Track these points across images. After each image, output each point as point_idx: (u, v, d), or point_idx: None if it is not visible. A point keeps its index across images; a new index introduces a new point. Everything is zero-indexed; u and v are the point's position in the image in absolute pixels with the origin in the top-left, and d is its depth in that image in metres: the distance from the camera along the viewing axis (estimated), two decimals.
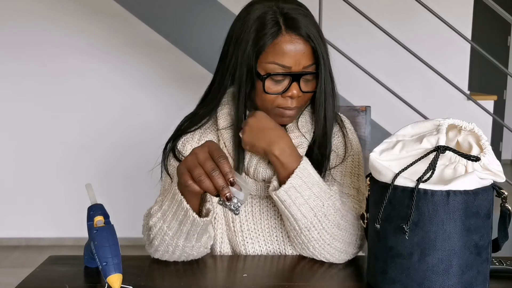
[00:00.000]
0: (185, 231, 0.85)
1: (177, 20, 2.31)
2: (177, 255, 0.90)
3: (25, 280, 0.83)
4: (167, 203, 0.85)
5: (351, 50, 2.47)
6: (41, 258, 0.94)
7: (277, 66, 0.89)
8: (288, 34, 0.88)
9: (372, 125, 1.48)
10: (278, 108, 0.93)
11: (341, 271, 0.91)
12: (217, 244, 1.00)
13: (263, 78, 0.90)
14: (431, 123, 0.77)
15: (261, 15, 0.89)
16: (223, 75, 0.95)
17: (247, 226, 1.00)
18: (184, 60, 2.51)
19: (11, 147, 3.20)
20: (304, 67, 0.90)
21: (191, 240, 0.88)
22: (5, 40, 3.09)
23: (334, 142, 1.03)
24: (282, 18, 0.89)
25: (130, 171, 3.15)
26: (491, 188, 0.72)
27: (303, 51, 0.89)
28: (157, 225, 0.87)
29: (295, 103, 0.93)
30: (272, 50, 0.89)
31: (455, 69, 3.04)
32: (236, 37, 0.92)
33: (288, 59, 0.89)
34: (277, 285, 0.82)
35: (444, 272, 0.70)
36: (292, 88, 0.90)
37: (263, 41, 0.88)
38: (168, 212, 0.85)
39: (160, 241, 0.88)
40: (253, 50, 0.89)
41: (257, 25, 0.89)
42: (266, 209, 1.01)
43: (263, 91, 0.91)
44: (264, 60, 0.90)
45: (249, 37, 0.89)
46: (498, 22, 4.18)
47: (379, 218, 0.72)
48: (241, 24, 0.92)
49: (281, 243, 1.01)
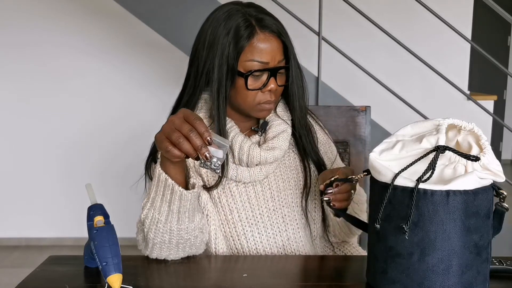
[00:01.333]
0: (176, 211, 0.87)
1: (177, 20, 2.31)
2: (174, 243, 0.90)
3: (25, 280, 0.83)
4: (154, 188, 0.87)
5: (351, 50, 2.47)
6: (41, 258, 0.94)
7: (256, 63, 0.96)
8: (262, 33, 0.96)
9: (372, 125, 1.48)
10: (260, 104, 0.99)
11: (341, 271, 0.91)
12: (211, 241, 1.01)
13: (246, 76, 0.96)
14: (431, 123, 0.77)
15: (232, 18, 0.96)
16: (196, 79, 1.00)
17: (245, 214, 1.02)
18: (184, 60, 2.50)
19: (11, 147, 3.20)
20: (279, 61, 0.98)
21: (184, 221, 0.89)
22: (5, 40, 3.08)
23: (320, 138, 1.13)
24: (253, 19, 0.96)
25: (130, 171, 3.14)
26: (491, 188, 0.72)
27: (277, 46, 0.97)
28: (148, 215, 0.89)
29: (274, 97, 1.00)
30: (250, 50, 0.95)
31: (455, 69, 3.04)
32: (209, 42, 0.97)
33: (266, 55, 0.96)
34: (277, 285, 0.82)
35: (444, 272, 0.70)
36: (271, 83, 0.98)
37: (241, 43, 0.95)
38: (156, 198, 0.87)
39: (155, 232, 0.89)
40: (233, 51, 0.95)
41: (232, 28, 0.95)
42: (262, 193, 1.03)
43: (245, 88, 0.97)
44: (243, 59, 0.96)
45: (226, 41, 0.95)
46: (498, 22, 4.18)
47: (379, 218, 0.72)
48: (212, 30, 0.97)
49: (281, 225, 1.02)
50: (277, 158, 1.02)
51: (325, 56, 2.36)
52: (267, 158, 1.00)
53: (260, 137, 1.05)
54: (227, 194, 1.02)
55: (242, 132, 1.03)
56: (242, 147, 1.00)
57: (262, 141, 1.04)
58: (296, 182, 1.07)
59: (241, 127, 1.04)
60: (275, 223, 1.03)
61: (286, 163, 1.07)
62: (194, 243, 0.94)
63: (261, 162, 1.01)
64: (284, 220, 1.04)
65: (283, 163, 1.07)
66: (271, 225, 1.03)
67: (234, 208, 1.02)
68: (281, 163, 1.06)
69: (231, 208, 1.02)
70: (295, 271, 0.92)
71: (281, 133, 1.03)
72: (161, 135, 0.78)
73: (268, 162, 1.01)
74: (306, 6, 2.47)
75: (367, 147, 1.28)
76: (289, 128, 1.05)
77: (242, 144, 1.00)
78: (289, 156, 1.08)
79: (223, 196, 1.02)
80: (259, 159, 1.00)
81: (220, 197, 1.02)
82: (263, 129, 1.05)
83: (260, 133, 1.05)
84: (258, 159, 1.00)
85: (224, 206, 1.02)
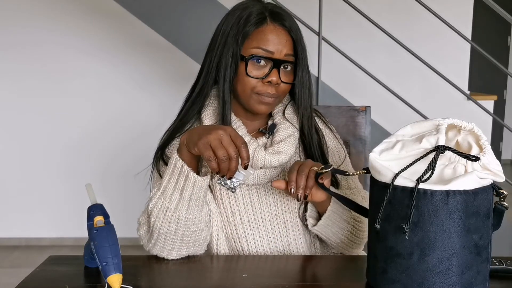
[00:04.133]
0: (187, 198, 0.88)
1: (177, 20, 2.31)
2: (180, 236, 0.90)
3: (25, 280, 0.83)
4: (167, 177, 0.89)
5: (351, 50, 2.46)
6: (41, 258, 0.94)
7: (260, 50, 0.96)
8: (272, 24, 0.97)
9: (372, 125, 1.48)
10: (257, 94, 0.98)
11: (341, 271, 0.91)
12: (214, 242, 1.01)
13: (247, 60, 0.96)
14: (431, 123, 0.77)
15: (248, 9, 0.97)
16: (209, 67, 1.00)
17: (247, 218, 1.02)
18: (184, 60, 2.51)
19: (11, 147, 3.20)
20: (285, 55, 0.97)
21: (193, 210, 0.90)
22: (5, 40, 3.08)
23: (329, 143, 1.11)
24: (268, 12, 0.98)
25: (130, 171, 3.15)
26: (490, 188, 0.72)
27: (285, 40, 0.97)
28: (158, 204, 0.90)
29: (274, 90, 0.98)
30: (256, 36, 0.96)
31: (455, 69, 3.04)
32: (222, 31, 0.98)
33: (272, 45, 0.96)
34: (277, 285, 0.82)
35: (444, 272, 0.70)
36: (272, 74, 0.97)
37: (248, 28, 0.96)
38: (169, 186, 0.89)
39: (162, 221, 0.89)
40: (238, 35, 0.96)
41: (244, 16, 0.96)
42: (265, 197, 1.03)
43: (245, 74, 0.97)
44: (248, 46, 0.96)
45: (235, 26, 0.96)
46: (498, 22, 4.18)
47: (379, 218, 0.72)
48: (228, 20, 0.99)
49: (282, 230, 1.02)
50: (282, 162, 1.01)
51: (325, 56, 2.36)
52: (272, 162, 0.99)
53: (267, 139, 1.04)
54: (230, 196, 1.01)
55: (249, 133, 1.03)
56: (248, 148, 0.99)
57: (268, 143, 1.03)
58: None
59: (248, 127, 1.03)
60: (276, 228, 1.03)
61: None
62: (198, 238, 0.93)
63: (266, 166, 0.99)
64: (285, 225, 1.03)
65: (288, 168, 1.04)
66: (273, 229, 1.02)
67: (236, 210, 1.01)
68: (287, 168, 1.05)
69: (233, 210, 1.01)
70: (295, 271, 0.92)
71: (288, 137, 1.02)
72: (206, 143, 0.82)
73: (273, 166, 1.00)
74: (306, 6, 2.47)
75: (367, 147, 1.28)
76: (296, 132, 1.04)
77: (248, 145, 0.98)
78: (295, 160, 1.05)
79: (226, 197, 1.01)
80: (263, 162, 0.98)
81: (223, 198, 1.01)
82: (271, 132, 1.04)
83: (268, 135, 1.04)
84: (262, 162, 0.98)
85: (226, 208, 1.02)
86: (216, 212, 1.02)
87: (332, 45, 2.34)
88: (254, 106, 1.00)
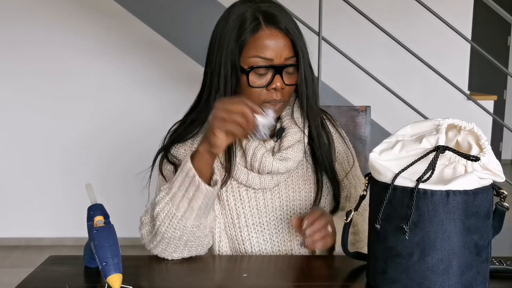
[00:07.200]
0: (196, 208, 0.87)
1: (177, 20, 2.31)
2: (184, 242, 0.90)
3: (25, 280, 0.83)
4: (178, 184, 0.87)
5: (351, 50, 2.46)
6: (41, 258, 0.94)
7: (259, 59, 0.93)
8: (268, 29, 0.93)
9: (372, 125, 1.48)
10: (265, 103, 0.96)
11: (341, 271, 0.91)
12: (215, 243, 1.01)
13: (247, 72, 0.94)
14: (431, 123, 0.77)
15: (241, 14, 0.94)
16: (212, 76, 0.98)
17: (252, 220, 1.01)
18: (184, 60, 2.51)
19: (11, 147, 3.20)
20: (285, 59, 0.95)
21: (200, 217, 0.89)
22: (5, 40, 3.08)
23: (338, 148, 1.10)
24: (261, 15, 0.94)
25: (130, 171, 3.14)
26: (490, 188, 0.72)
27: (283, 43, 0.94)
28: (164, 209, 0.89)
29: (280, 96, 0.97)
30: (253, 45, 0.93)
31: (455, 69, 3.04)
32: (219, 37, 0.96)
33: (270, 52, 0.93)
34: (277, 285, 0.82)
35: (444, 272, 0.70)
36: (276, 81, 0.95)
37: (244, 36, 0.93)
38: (178, 193, 0.88)
39: (168, 226, 0.89)
40: (235, 46, 0.93)
41: (238, 22, 0.93)
42: (271, 201, 1.02)
43: (248, 86, 0.95)
44: (246, 55, 0.94)
45: (231, 34, 0.93)
46: (498, 22, 4.18)
47: (379, 218, 0.72)
48: (222, 25, 0.96)
49: (286, 235, 1.02)
50: (289, 169, 1.00)
51: (325, 56, 2.36)
52: (279, 168, 0.98)
53: (275, 144, 1.02)
54: (236, 198, 1.01)
55: None
56: (255, 153, 0.98)
57: (276, 148, 1.02)
58: (307, 194, 1.05)
59: None
60: (280, 232, 1.02)
61: (299, 173, 1.05)
62: (201, 243, 0.93)
63: (273, 172, 0.99)
64: (290, 230, 1.03)
65: (295, 173, 1.04)
66: (277, 233, 1.02)
67: (241, 213, 1.01)
68: (294, 173, 1.04)
69: (238, 212, 1.01)
70: (295, 271, 0.92)
71: (296, 143, 1.01)
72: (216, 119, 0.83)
73: (280, 172, 0.99)
74: (306, 6, 2.47)
75: (367, 147, 1.27)
76: (305, 137, 1.03)
77: (256, 150, 0.98)
78: (303, 166, 1.05)
79: (232, 199, 1.01)
80: (270, 168, 0.98)
81: (228, 200, 1.01)
82: (279, 136, 1.02)
83: (276, 139, 1.02)
84: (270, 168, 0.98)
85: (232, 209, 1.01)
86: (220, 213, 1.01)
87: (332, 45, 2.34)
88: None
